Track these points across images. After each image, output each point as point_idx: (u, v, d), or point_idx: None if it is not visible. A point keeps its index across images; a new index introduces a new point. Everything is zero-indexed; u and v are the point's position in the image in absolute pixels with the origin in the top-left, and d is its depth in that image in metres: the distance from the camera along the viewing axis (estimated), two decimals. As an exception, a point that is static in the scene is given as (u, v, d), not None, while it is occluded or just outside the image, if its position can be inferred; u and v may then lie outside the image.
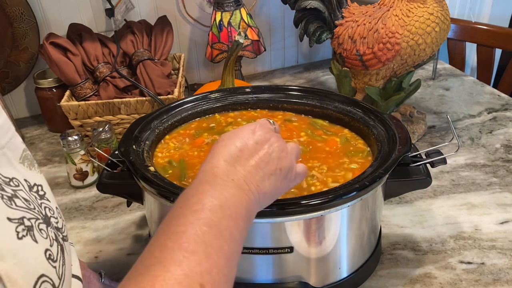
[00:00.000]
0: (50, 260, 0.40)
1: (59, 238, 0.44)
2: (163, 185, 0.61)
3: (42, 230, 0.41)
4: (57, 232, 0.45)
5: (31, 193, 0.44)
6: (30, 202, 0.42)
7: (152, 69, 1.13)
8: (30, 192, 0.44)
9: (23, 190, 0.42)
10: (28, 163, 0.46)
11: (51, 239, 0.42)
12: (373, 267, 0.76)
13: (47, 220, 0.43)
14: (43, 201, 0.45)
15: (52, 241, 0.42)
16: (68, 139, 0.94)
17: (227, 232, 0.44)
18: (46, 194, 0.47)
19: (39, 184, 0.46)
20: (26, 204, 0.41)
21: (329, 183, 0.67)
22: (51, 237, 0.42)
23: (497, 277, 0.74)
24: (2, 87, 1.23)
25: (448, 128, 1.14)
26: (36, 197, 0.44)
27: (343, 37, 1.04)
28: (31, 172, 0.46)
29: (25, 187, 0.43)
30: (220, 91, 0.87)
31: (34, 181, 0.46)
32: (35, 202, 0.43)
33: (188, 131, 0.82)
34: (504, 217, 0.87)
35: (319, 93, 0.85)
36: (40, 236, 0.40)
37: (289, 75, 1.49)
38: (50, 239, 0.42)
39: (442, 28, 0.95)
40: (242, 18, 1.24)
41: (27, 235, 0.38)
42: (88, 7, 1.24)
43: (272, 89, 0.88)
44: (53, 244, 0.42)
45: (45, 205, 0.45)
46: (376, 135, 0.73)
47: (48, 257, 0.40)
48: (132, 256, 0.82)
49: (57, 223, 0.46)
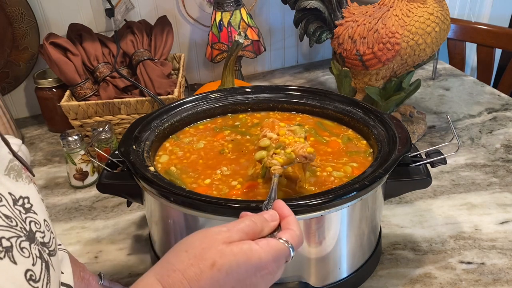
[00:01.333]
0: (31, 281, 0.38)
1: (44, 254, 0.42)
2: (163, 185, 0.61)
3: (23, 249, 0.39)
4: (43, 248, 0.43)
5: (15, 208, 0.42)
6: (12, 218, 0.40)
7: (152, 69, 1.13)
8: (14, 206, 0.42)
9: (6, 205, 0.40)
10: (15, 174, 0.44)
11: (34, 257, 0.40)
12: (373, 267, 0.76)
13: (31, 236, 0.41)
14: (28, 214, 0.43)
15: (36, 259, 0.40)
16: (68, 139, 0.94)
17: None
18: (33, 206, 0.45)
19: (25, 197, 0.44)
20: (7, 221, 0.39)
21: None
22: (34, 255, 0.40)
23: (497, 277, 0.74)
24: (2, 87, 1.23)
25: (448, 128, 1.14)
26: (20, 211, 0.42)
27: (343, 37, 1.04)
28: (17, 184, 0.44)
29: (9, 202, 0.41)
30: (220, 91, 0.87)
31: (20, 193, 0.44)
32: (18, 217, 0.41)
33: (209, 124, 0.83)
34: (504, 217, 0.87)
35: (319, 93, 0.85)
36: (21, 255, 0.38)
37: (289, 75, 1.49)
38: (33, 257, 0.40)
39: (442, 28, 0.95)
40: (242, 18, 1.24)
41: (5, 257, 0.36)
42: (88, 7, 1.24)
43: (272, 89, 0.88)
44: (36, 262, 0.40)
45: (30, 219, 0.43)
46: (376, 135, 0.73)
47: (29, 278, 0.38)
48: (132, 256, 0.82)
49: (43, 237, 0.44)
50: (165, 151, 0.77)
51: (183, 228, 0.65)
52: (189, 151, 0.77)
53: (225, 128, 0.82)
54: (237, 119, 0.85)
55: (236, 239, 0.45)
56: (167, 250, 0.46)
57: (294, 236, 0.48)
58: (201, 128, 0.83)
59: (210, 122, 0.84)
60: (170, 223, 0.67)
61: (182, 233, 0.66)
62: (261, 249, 0.45)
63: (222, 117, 0.86)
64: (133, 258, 0.81)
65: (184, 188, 0.63)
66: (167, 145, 0.78)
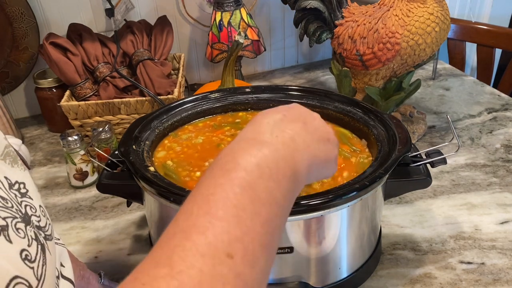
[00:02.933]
0: (27, 260, 0.38)
1: (40, 237, 0.43)
2: (163, 185, 0.61)
3: (19, 230, 0.39)
4: (38, 231, 0.43)
5: (10, 191, 0.42)
6: (7, 200, 0.40)
7: (152, 69, 1.13)
8: (10, 190, 0.42)
9: (1, 188, 0.41)
10: (10, 160, 0.45)
11: (30, 238, 0.40)
12: (373, 267, 0.76)
13: (27, 219, 0.42)
14: (24, 199, 0.44)
15: (31, 240, 0.40)
16: (68, 139, 0.94)
17: (266, 194, 0.38)
18: (29, 192, 0.45)
19: (21, 182, 0.45)
20: (2, 202, 0.39)
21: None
22: (29, 237, 0.40)
23: (497, 277, 0.74)
24: (2, 87, 1.23)
25: (448, 128, 1.14)
26: (16, 195, 0.43)
27: (343, 37, 1.04)
28: (13, 169, 0.45)
29: (5, 185, 0.42)
30: (220, 91, 0.87)
31: (16, 178, 0.44)
32: (14, 200, 0.42)
33: (208, 122, 0.83)
34: (504, 217, 0.87)
35: (319, 93, 0.85)
36: (16, 235, 0.39)
37: (289, 75, 1.49)
38: (29, 238, 0.40)
39: (442, 28, 0.95)
40: (242, 18, 1.24)
41: (0, 235, 0.37)
42: (88, 7, 1.24)
43: (272, 89, 0.88)
44: (32, 243, 0.40)
45: (26, 203, 0.44)
46: (376, 135, 0.73)
47: (25, 258, 0.38)
48: (132, 256, 0.82)
49: (39, 222, 0.45)
50: (164, 147, 0.77)
51: (183, 228, 0.65)
52: (187, 146, 0.77)
53: (225, 125, 0.82)
54: (237, 117, 0.85)
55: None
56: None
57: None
58: (200, 125, 0.83)
59: (209, 119, 0.85)
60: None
61: (182, 233, 0.66)
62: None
63: (222, 115, 0.86)
64: (133, 258, 0.81)
65: (184, 188, 0.63)
66: (165, 142, 0.79)
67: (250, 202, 0.36)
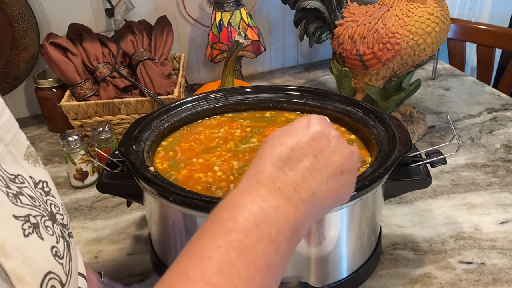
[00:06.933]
0: (57, 257, 0.40)
1: (65, 234, 0.44)
2: (163, 185, 0.61)
3: (47, 227, 0.41)
4: (63, 229, 0.45)
5: (36, 190, 0.43)
6: (35, 199, 0.42)
7: (152, 69, 1.13)
8: (36, 189, 0.44)
9: (28, 187, 0.42)
10: (33, 159, 0.46)
11: (57, 236, 0.42)
12: (373, 267, 0.76)
13: (53, 217, 0.43)
14: (48, 197, 0.45)
15: (58, 238, 0.42)
16: (68, 139, 0.94)
17: (262, 259, 0.37)
18: (51, 190, 0.47)
19: (44, 181, 0.46)
20: (31, 201, 0.41)
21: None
22: (57, 234, 0.42)
23: (497, 277, 0.74)
24: (2, 87, 1.23)
25: (448, 128, 1.14)
26: (41, 193, 0.44)
27: (343, 37, 1.04)
28: (36, 169, 0.46)
29: (31, 184, 0.43)
30: (220, 91, 0.87)
31: (39, 177, 0.46)
32: (40, 199, 0.43)
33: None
34: (504, 217, 0.87)
35: (319, 93, 0.85)
36: (46, 233, 0.40)
37: (289, 75, 1.49)
38: (56, 236, 0.42)
39: (442, 28, 0.95)
40: (242, 18, 1.24)
41: (33, 232, 0.38)
42: (88, 7, 1.24)
43: (272, 89, 0.88)
44: (59, 241, 0.42)
45: (50, 202, 0.45)
46: (376, 135, 0.73)
47: (55, 254, 0.40)
48: (132, 256, 0.82)
49: (63, 220, 0.46)
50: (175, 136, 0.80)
51: (182, 228, 0.65)
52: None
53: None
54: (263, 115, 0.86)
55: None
56: (167, 250, 0.47)
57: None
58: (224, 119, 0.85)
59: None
60: (170, 223, 0.66)
61: (182, 233, 0.66)
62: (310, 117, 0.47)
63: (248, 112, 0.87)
64: (133, 258, 0.81)
65: (184, 188, 0.63)
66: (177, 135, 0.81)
67: (246, 268, 0.35)
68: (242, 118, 0.84)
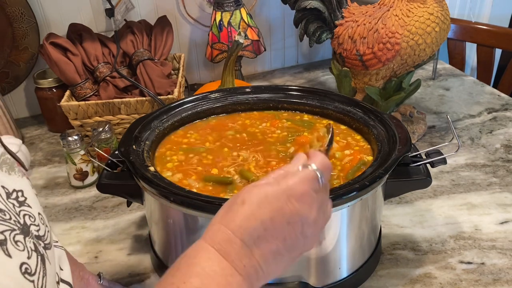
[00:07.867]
0: (27, 274, 0.38)
1: (40, 247, 0.42)
2: (163, 185, 0.61)
3: (18, 242, 0.39)
4: (38, 241, 0.42)
5: (8, 201, 0.41)
6: (5, 212, 0.40)
7: (152, 69, 1.13)
8: (7, 200, 0.41)
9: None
10: (7, 167, 0.44)
11: (29, 250, 0.40)
12: (373, 267, 0.76)
13: (26, 229, 0.41)
14: (23, 208, 0.43)
15: (31, 252, 0.40)
16: (68, 139, 0.94)
17: None
18: (27, 199, 0.44)
19: (19, 190, 0.44)
20: (0, 215, 0.39)
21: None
22: (29, 248, 0.40)
23: (497, 277, 0.74)
24: (2, 87, 1.23)
25: (448, 128, 1.14)
26: (14, 204, 0.42)
27: (343, 37, 1.04)
28: (10, 177, 0.44)
29: (2, 195, 0.41)
30: (220, 91, 0.87)
31: (14, 186, 0.43)
32: (12, 210, 0.41)
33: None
34: (504, 217, 0.87)
35: (319, 93, 0.85)
36: (15, 249, 0.38)
37: (289, 75, 1.49)
38: (28, 250, 0.39)
39: (442, 28, 0.95)
40: (242, 18, 1.24)
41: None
42: (88, 7, 1.24)
43: (272, 89, 0.88)
44: (31, 255, 0.40)
45: (24, 213, 0.43)
46: (376, 135, 0.73)
47: (24, 272, 0.38)
48: (132, 256, 0.82)
49: (38, 231, 0.44)
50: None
51: (183, 228, 0.65)
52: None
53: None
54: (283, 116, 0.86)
55: (264, 180, 0.47)
56: (167, 250, 0.47)
57: (319, 161, 0.48)
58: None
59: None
60: (170, 223, 0.67)
61: (182, 233, 0.66)
62: (286, 176, 0.46)
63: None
64: (133, 258, 0.81)
65: (184, 188, 0.63)
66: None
67: None
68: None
